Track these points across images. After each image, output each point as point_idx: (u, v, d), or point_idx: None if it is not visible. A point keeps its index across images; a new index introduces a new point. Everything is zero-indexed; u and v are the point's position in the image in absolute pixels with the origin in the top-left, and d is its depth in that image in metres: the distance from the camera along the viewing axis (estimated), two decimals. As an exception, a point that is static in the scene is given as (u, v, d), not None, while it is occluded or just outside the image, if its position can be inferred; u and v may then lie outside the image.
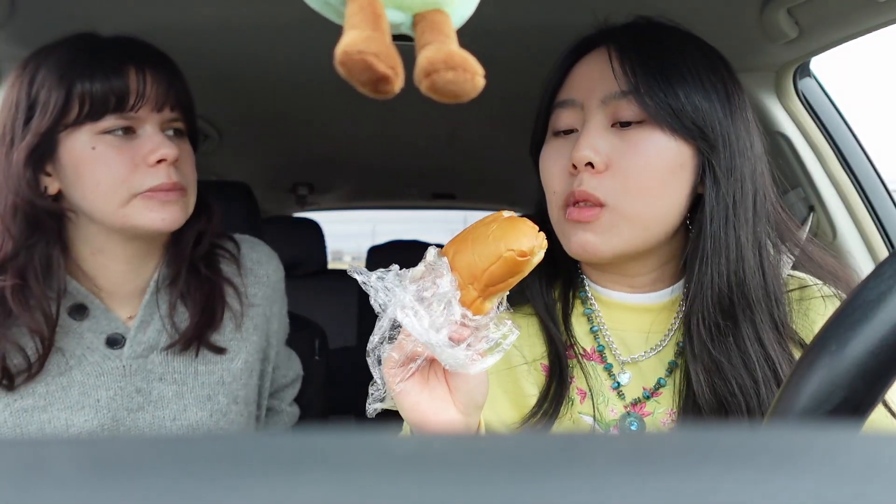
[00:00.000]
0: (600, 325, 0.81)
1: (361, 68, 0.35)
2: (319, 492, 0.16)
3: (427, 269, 0.61)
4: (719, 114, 0.71)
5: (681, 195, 0.72)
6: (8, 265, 0.85)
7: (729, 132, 0.72)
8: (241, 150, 2.06)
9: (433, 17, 0.40)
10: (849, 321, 0.41)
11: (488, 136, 1.98)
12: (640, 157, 0.70)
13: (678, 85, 0.70)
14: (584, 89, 0.74)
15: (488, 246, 0.61)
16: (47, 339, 0.87)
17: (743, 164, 0.72)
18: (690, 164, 0.71)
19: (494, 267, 0.60)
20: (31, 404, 0.88)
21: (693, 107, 0.70)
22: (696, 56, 0.73)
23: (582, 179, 0.71)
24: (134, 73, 0.84)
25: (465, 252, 0.61)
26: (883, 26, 0.97)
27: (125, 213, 0.86)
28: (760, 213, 0.73)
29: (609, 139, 0.71)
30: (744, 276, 0.71)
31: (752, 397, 0.69)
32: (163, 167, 0.86)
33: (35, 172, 0.85)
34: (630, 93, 0.70)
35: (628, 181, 0.70)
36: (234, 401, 1.00)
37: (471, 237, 0.63)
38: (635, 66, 0.71)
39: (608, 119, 0.73)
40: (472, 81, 0.38)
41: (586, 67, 0.76)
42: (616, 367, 0.79)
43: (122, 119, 0.84)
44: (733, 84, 0.75)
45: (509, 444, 0.20)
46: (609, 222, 0.71)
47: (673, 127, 0.70)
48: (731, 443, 0.20)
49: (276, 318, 1.10)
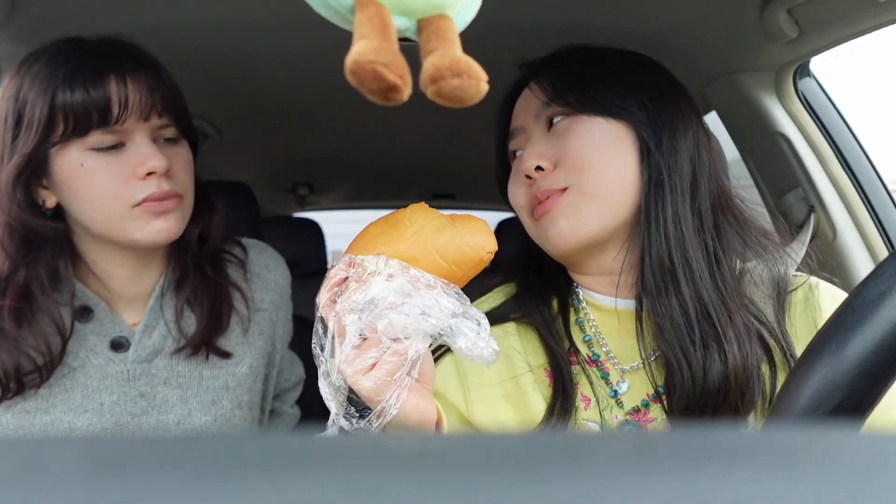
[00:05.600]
0: (594, 334, 0.82)
1: (372, 78, 0.36)
2: (319, 492, 0.16)
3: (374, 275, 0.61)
4: (641, 97, 0.78)
5: (627, 165, 0.76)
6: (8, 283, 0.84)
7: (654, 110, 0.78)
8: (241, 150, 2.05)
9: (438, 22, 0.41)
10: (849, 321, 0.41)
11: (488, 136, 1.98)
12: (577, 139, 0.77)
13: (594, 81, 0.79)
14: (521, 116, 0.85)
15: (458, 251, 0.62)
16: (59, 348, 0.87)
17: (675, 140, 0.77)
18: (626, 137, 0.77)
19: (473, 272, 0.63)
20: (33, 406, 0.88)
21: (611, 92, 0.78)
22: (614, 59, 0.83)
23: (538, 183, 0.78)
24: (114, 82, 0.81)
25: (424, 258, 0.61)
26: (883, 26, 0.97)
27: (123, 227, 0.85)
28: (700, 187, 0.77)
29: (549, 143, 0.79)
30: (682, 238, 0.74)
31: (694, 357, 0.71)
32: (153, 178, 0.84)
33: (27, 191, 0.84)
34: (552, 100, 0.79)
35: (574, 162, 0.76)
36: (238, 405, 1.00)
37: (410, 239, 0.63)
38: (552, 80, 0.80)
39: (545, 128, 0.81)
40: (477, 87, 0.39)
41: (519, 102, 0.86)
42: (614, 376, 0.80)
43: (108, 134, 0.82)
44: (659, 82, 0.81)
45: (509, 444, 0.20)
46: (573, 201, 0.76)
47: (595, 111, 0.77)
48: (731, 443, 0.20)
49: (281, 323, 1.10)
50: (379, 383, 0.59)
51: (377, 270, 0.61)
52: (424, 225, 0.63)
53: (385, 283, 0.59)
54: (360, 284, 0.60)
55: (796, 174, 1.27)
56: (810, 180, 1.25)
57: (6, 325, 0.84)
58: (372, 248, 0.63)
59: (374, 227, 0.66)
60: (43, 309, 0.86)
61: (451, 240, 0.62)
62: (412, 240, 0.62)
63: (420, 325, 0.58)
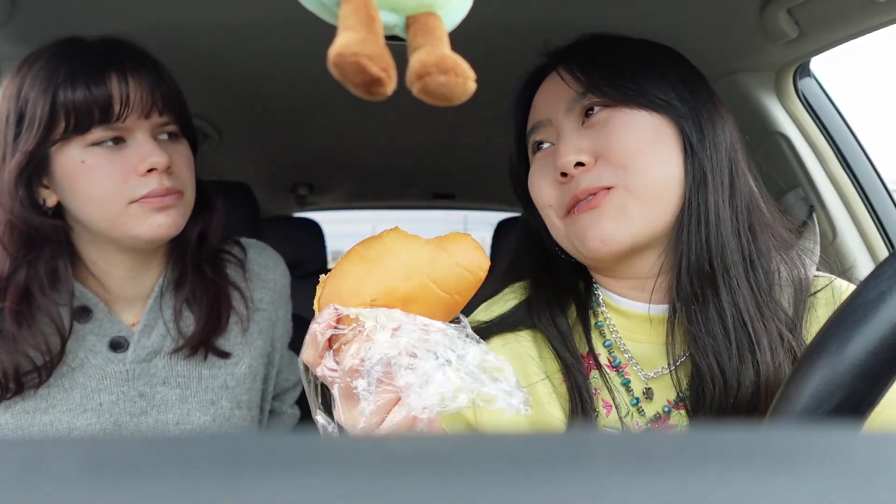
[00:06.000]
0: (615, 339, 0.78)
1: (355, 70, 0.35)
2: (319, 492, 0.16)
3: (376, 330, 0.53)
4: (679, 89, 0.74)
5: (673, 161, 0.72)
6: (8, 283, 0.84)
7: (693, 104, 0.74)
8: (241, 150, 2.05)
9: (426, 19, 0.41)
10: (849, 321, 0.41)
11: (488, 136, 1.98)
12: (620, 133, 0.72)
13: (630, 71, 0.74)
14: (548, 107, 0.78)
15: (458, 279, 0.55)
16: (58, 350, 0.87)
17: (715, 136, 0.73)
18: (669, 131, 0.73)
19: (471, 294, 0.57)
20: (32, 406, 0.88)
21: (651, 84, 0.73)
22: (645, 51, 0.78)
23: (579, 180, 0.72)
24: (116, 79, 0.82)
25: (424, 296, 0.54)
26: (883, 26, 0.97)
27: (123, 223, 0.85)
28: (737, 186, 0.74)
29: (586, 135, 0.74)
30: (722, 241, 0.71)
31: (729, 367, 0.69)
32: (154, 175, 0.85)
33: (29, 189, 0.84)
34: (588, 91, 0.74)
35: (619, 157, 0.71)
36: (237, 405, 1.00)
37: (402, 277, 0.54)
38: (585, 69, 0.74)
39: (577, 121, 0.75)
40: (464, 85, 0.38)
41: (544, 91, 0.80)
42: (636, 383, 0.77)
43: (109, 130, 0.83)
44: (693, 75, 0.77)
45: (509, 444, 0.20)
46: (619, 201, 0.71)
47: (639, 103, 0.72)
48: (731, 443, 0.20)
49: (280, 323, 1.10)
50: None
51: (377, 325, 0.53)
52: (412, 255, 0.55)
53: (391, 339, 0.52)
54: (361, 342, 0.53)
55: (796, 174, 1.27)
56: (810, 180, 1.25)
57: (6, 325, 0.84)
58: (360, 293, 0.55)
59: (353, 268, 0.56)
60: (42, 309, 0.86)
61: (447, 267, 0.55)
62: (405, 276, 0.55)
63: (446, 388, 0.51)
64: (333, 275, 0.58)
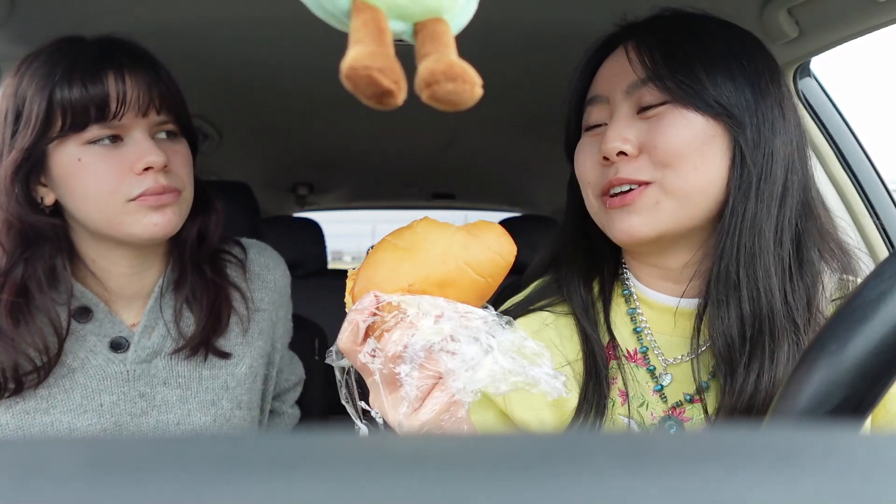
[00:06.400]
0: (643, 326, 0.79)
1: (366, 83, 0.36)
2: (319, 492, 0.16)
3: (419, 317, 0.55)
4: (746, 93, 0.71)
5: (717, 169, 0.71)
6: (5, 280, 0.84)
7: (756, 110, 0.72)
8: (241, 150, 2.05)
9: (433, 26, 0.41)
10: (849, 321, 0.41)
11: (488, 136, 1.98)
12: (670, 132, 0.71)
13: (698, 66, 0.71)
14: (609, 84, 0.77)
15: (491, 262, 0.57)
16: (56, 348, 0.87)
17: (773, 143, 0.72)
18: (721, 138, 0.72)
19: (501, 280, 0.58)
20: (32, 406, 0.88)
21: (714, 85, 0.71)
22: (722, 37, 0.74)
23: (618, 168, 0.72)
24: (112, 78, 0.82)
25: (461, 279, 0.56)
26: (883, 26, 0.97)
27: (120, 221, 0.85)
28: (788, 196, 0.72)
29: (636, 126, 0.73)
30: (758, 250, 0.70)
31: (739, 374, 0.69)
32: (151, 174, 0.85)
33: (25, 187, 0.84)
34: (650, 79, 0.72)
35: (663, 156, 0.71)
36: (237, 405, 1.00)
37: (439, 262, 0.56)
38: (653, 54, 0.72)
39: (633, 108, 0.74)
40: (472, 92, 0.39)
41: (609, 64, 0.78)
42: (659, 369, 0.78)
43: (106, 128, 0.83)
44: (768, 67, 0.75)
45: (509, 444, 0.20)
46: (652, 199, 0.71)
47: (696, 105, 0.71)
48: (731, 443, 0.20)
49: (281, 323, 1.10)
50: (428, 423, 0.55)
51: (420, 311, 0.54)
52: (449, 242, 0.58)
53: (434, 325, 0.54)
54: (404, 329, 0.54)
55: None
56: (810, 180, 1.25)
57: (3, 323, 0.84)
58: (397, 279, 0.56)
59: (387, 256, 0.58)
60: (41, 308, 0.86)
61: (481, 252, 0.57)
62: (441, 260, 0.56)
63: (495, 371, 0.53)
64: (366, 265, 0.59)
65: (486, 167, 2.48)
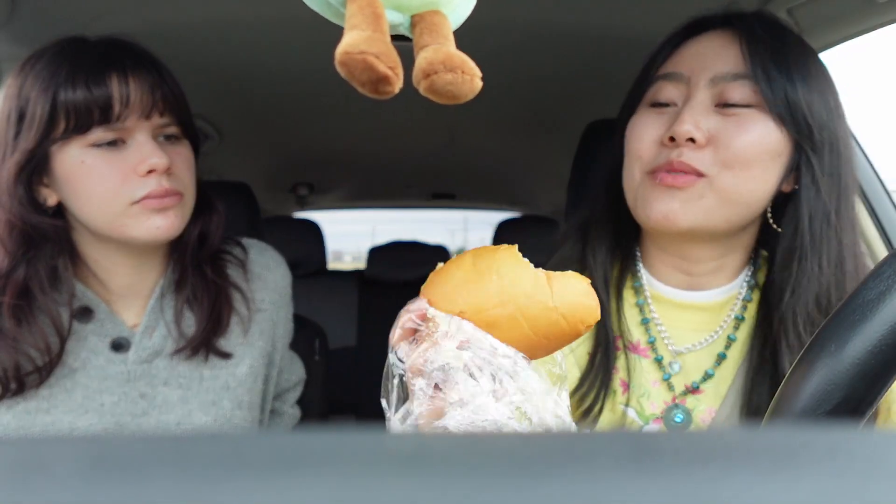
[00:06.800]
0: (651, 317, 0.80)
1: (362, 68, 0.35)
2: (319, 492, 0.16)
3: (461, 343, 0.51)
4: (829, 118, 0.72)
5: (772, 182, 0.72)
6: (7, 281, 0.84)
7: (836, 136, 0.72)
8: (241, 150, 2.05)
9: (431, 18, 0.40)
10: (849, 321, 0.41)
11: (488, 136, 1.98)
12: (744, 136, 0.70)
13: (798, 79, 0.70)
14: (695, 66, 0.74)
15: (552, 325, 0.51)
16: (58, 348, 0.87)
17: (847, 170, 0.73)
18: (787, 155, 0.72)
19: (564, 345, 0.53)
20: (34, 406, 0.88)
21: (807, 103, 0.70)
22: (813, 59, 0.74)
23: (682, 152, 0.71)
24: (116, 80, 0.82)
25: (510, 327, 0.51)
26: (883, 26, 0.97)
27: (122, 224, 0.85)
28: (855, 221, 0.74)
29: (712, 118, 0.72)
30: (843, 277, 0.71)
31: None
32: (154, 176, 0.85)
33: (28, 188, 0.84)
34: (747, 76, 0.71)
35: (731, 157, 0.70)
36: (238, 406, 1.00)
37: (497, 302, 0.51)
38: (761, 51, 0.71)
39: (713, 99, 0.73)
40: (471, 83, 0.38)
41: (701, 45, 0.76)
42: (667, 357, 0.79)
43: (109, 131, 0.83)
44: (835, 91, 0.75)
45: (509, 444, 0.20)
46: (700, 192, 0.71)
47: (783, 117, 0.70)
48: (731, 443, 0.20)
49: (281, 323, 1.10)
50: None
51: (448, 332, 0.51)
52: (514, 283, 0.52)
53: (456, 350, 0.51)
54: (430, 344, 0.52)
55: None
56: (810, 180, 1.25)
57: (5, 323, 0.84)
58: (453, 301, 0.53)
59: (459, 272, 0.54)
60: (42, 308, 0.86)
61: (545, 310, 0.51)
62: (497, 300, 0.52)
63: (477, 416, 0.49)
64: (440, 272, 0.56)
65: (485, 167, 2.47)
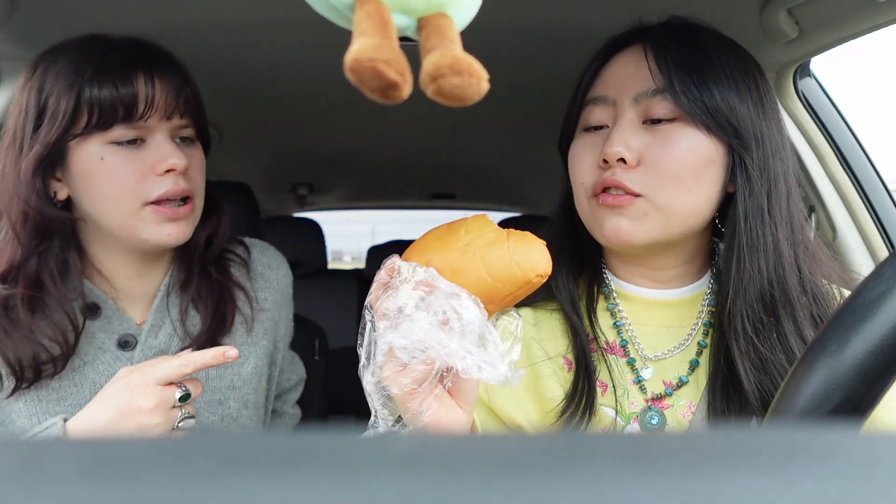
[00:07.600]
0: (623, 320, 0.81)
1: (372, 75, 0.36)
2: (319, 492, 0.16)
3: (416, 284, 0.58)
4: (752, 114, 0.72)
5: (712, 191, 0.73)
6: (20, 272, 0.85)
7: (762, 132, 0.73)
8: (241, 150, 2.05)
9: (438, 21, 0.41)
10: (849, 321, 0.41)
11: (488, 136, 1.98)
12: (673, 151, 0.71)
13: (713, 84, 0.71)
14: (617, 86, 0.75)
15: (505, 268, 0.59)
16: (73, 339, 0.87)
17: (776, 164, 0.73)
18: (721, 161, 0.72)
19: (520, 292, 0.60)
20: (44, 395, 0.88)
21: (727, 106, 0.71)
22: (730, 57, 0.74)
23: (615, 171, 0.72)
24: (143, 80, 0.83)
25: (469, 270, 0.59)
26: (883, 26, 0.97)
27: (133, 225, 0.86)
28: (793, 212, 0.74)
29: (641, 136, 0.72)
30: (783, 273, 0.72)
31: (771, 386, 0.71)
32: (171, 176, 0.86)
33: (44, 180, 0.85)
34: (665, 90, 0.71)
35: (661, 175, 0.71)
36: (244, 405, 1.00)
37: (461, 249, 0.60)
38: (671, 64, 0.72)
39: (640, 116, 0.74)
40: (478, 86, 0.38)
41: (620, 65, 0.77)
42: (639, 362, 0.79)
43: (131, 129, 0.84)
44: (765, 86, 0.76)
45: (509, 444, 0.20)
46: (642, 210, 0.72)
47: (707, 125, 0.71)
48: (731, 443, 0.20)
49: (283, 323, 1.10)
50: (406, 390, 0.56)
51: (407, 277, 0.59)
52: (476, 237, 0.61)
53: (410, 290, 0.57)
54: (393, 291, 0.58)
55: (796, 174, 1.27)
56: (810, 180, 1.25)
57: (20, 313, 0.85)
58: (423, 253, 0.61)
59: (434, 232, 0.64)
60: (56, 300, 0.87)
61: (500, 256, 0.59)
62: (461, 250, 0.60)
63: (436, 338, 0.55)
64: (424, 234, 0.65)
65: (485, 167, 2.47)
